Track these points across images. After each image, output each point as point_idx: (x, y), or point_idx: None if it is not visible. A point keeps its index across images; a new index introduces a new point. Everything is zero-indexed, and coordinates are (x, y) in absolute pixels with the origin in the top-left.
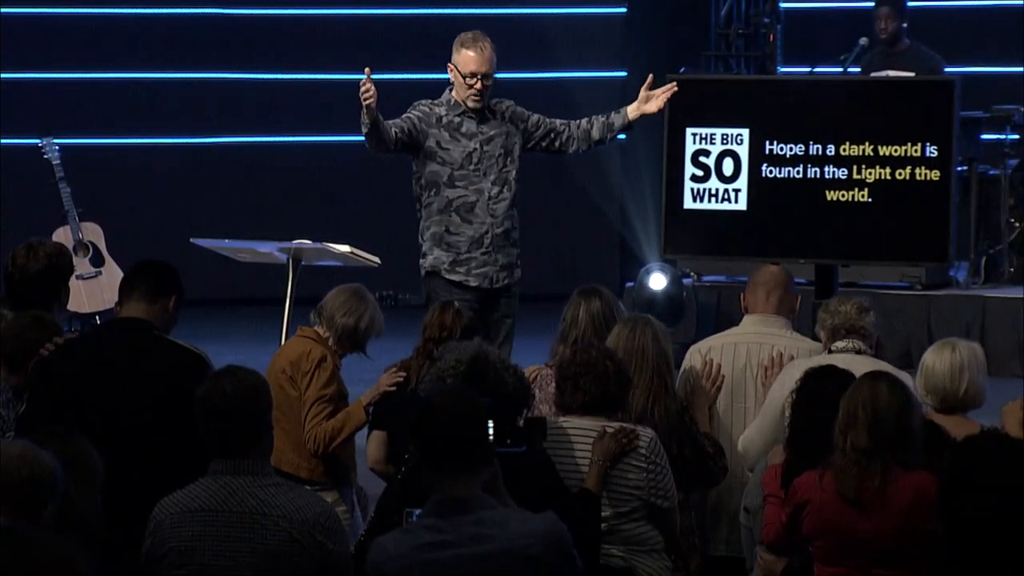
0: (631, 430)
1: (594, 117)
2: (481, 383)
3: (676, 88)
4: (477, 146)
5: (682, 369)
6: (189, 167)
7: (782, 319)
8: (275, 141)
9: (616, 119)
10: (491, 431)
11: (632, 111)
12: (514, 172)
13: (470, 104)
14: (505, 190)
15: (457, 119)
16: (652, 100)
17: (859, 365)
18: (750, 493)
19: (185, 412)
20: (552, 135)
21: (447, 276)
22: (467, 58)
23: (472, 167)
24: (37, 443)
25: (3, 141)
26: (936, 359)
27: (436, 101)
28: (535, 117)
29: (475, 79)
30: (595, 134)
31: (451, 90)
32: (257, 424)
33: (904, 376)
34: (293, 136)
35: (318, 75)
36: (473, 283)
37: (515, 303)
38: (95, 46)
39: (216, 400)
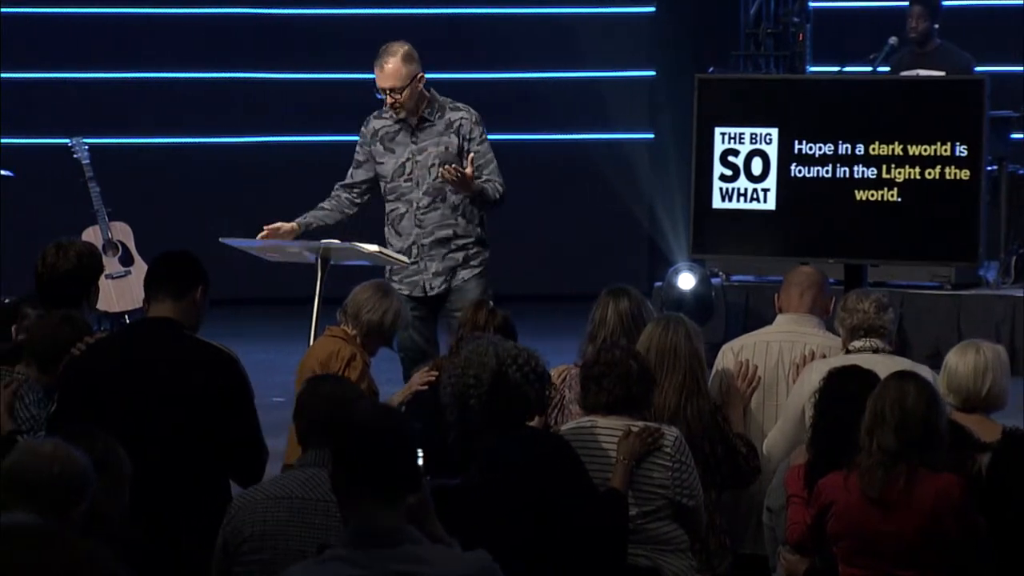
0: (655, 429)
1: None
2: (506, 402)
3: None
4: (409, 156)
5: (715, 368)
6: (219, 166)
7: (815, 319)
8: (306, 140)
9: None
10: (420, 458)
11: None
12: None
13: (394, 114)
14: (438, 200)
15: (395, 128)
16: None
17: (878, 364)
18: (772, 493)
19: (214, 412)
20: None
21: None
22: (375, 75)
23: (403, 179)
24: (66, 442)
25: (33, 141)
26: (959, 360)
27: (382, 110)
28: (480, 154)
29: (386, 94)
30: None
31: None
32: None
33: (923, 370)
34: (323, 136)
35: (349, 74)
36: (406, 291)
37: (465, 296)
38: (127, 46)
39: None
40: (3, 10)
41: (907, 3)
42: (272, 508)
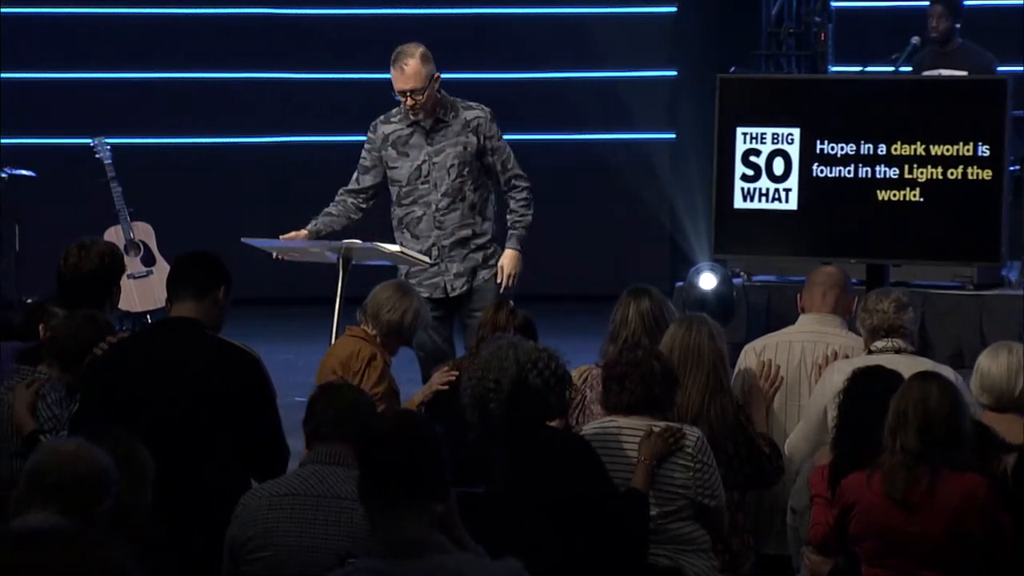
0: (677, 429)
1: (512, 223)
2: (526, 407)
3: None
4: (426, 158)
5: (737, 368)
6: (241, 166)
7: (838, 319)
8: (330, 140)
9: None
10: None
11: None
12: (470, 182)
13: (411, 117)
14: (457, 200)
15: (407, 131)
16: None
17: (900, 365)
18: (796, 494)
19: (236, 411)
20: (501, 177)
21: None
22: (393, 77)
23: (420, 181)
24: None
25: (55, 141)
26: (991, 362)
27: (390, 114)
28: (500, 149)
29: (405, 96)
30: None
31: None
32: None
33: (945, 371)
34: (347, 135)
35: (372, 74)
36: (425, 293)
37: (486, 296)
38: (150, 46)
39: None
40: (28, 10)
41: (928, 2)
42: (274, 506)
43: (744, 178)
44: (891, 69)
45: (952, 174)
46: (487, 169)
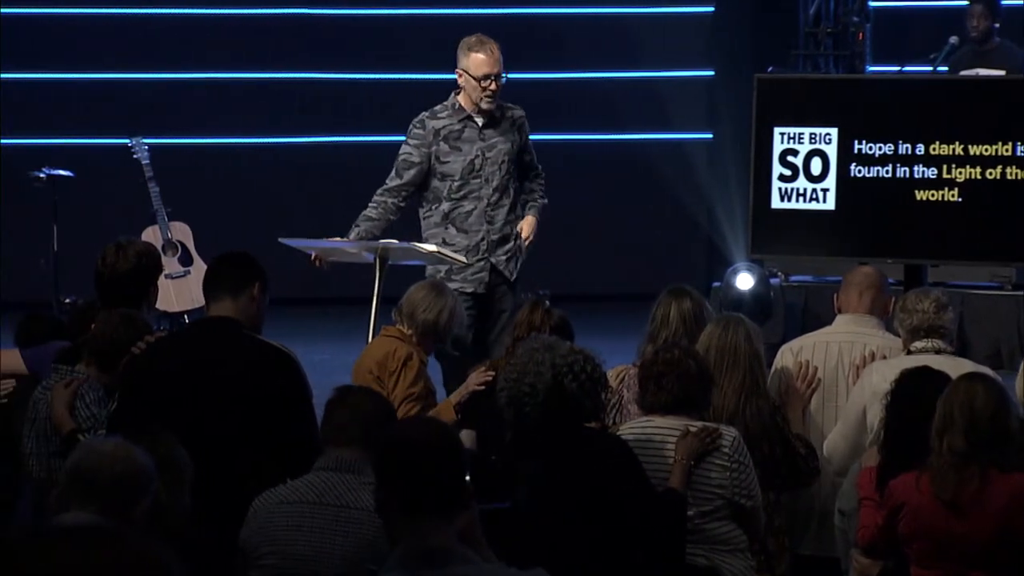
0: (714, 429)
1: (533, 199)
2: (563, 413)
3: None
4: (478, 153)
5: (774, 368)
6: (279, 167)
7: (875, 319)
8: (363, 141)
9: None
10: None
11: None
12: (514, 179)
13: (484, 106)
14: (504, 197)
15: (459, 126)
16: None
17: (941, 365)
18: (844, 496)
19: (273, 411)
20: (528, 173)
21: (454, 281)
22: (478, 61)
23: (473, 176)
24: (128, 441)
25: (93, 141)
26: None
27: (435, 110)
28: (531, 148)
29: (489, 80)
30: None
31: (456, 94)
32: None
33: (985, 371)
34: (381, 136)
35: (409, 75)
36: (469, 289)
37: (513, 296)
38: (187, 47)
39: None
40: (66, 11)
41: (967, 2)
42: (283, 513)
43: (781, 178)
44: (929, 69)
45: (991, 174)
46: (522, 166)
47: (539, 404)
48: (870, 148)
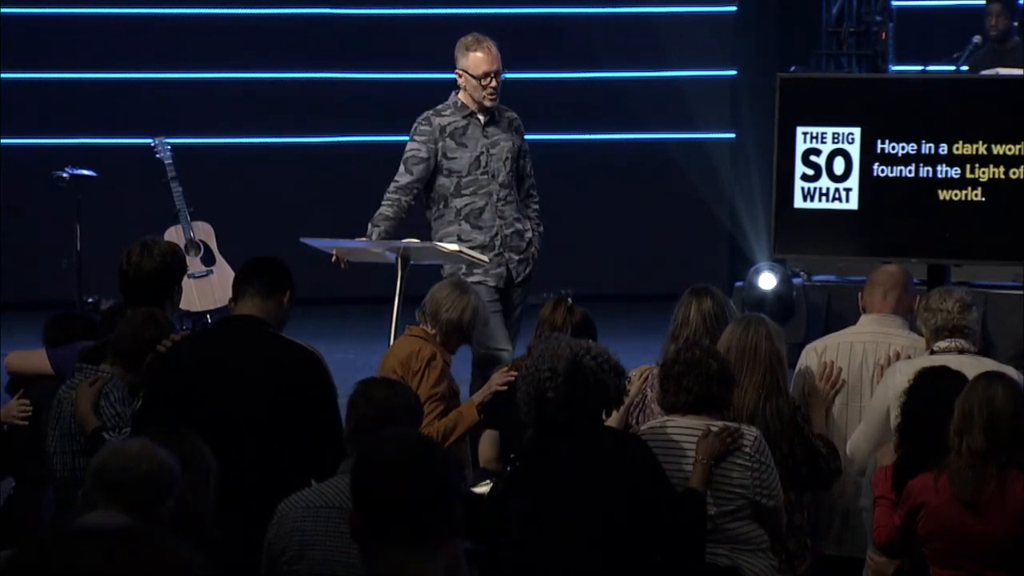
0: (735, 429)
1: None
2: (584, 390)
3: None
4: (483, 149)
5: (798, 368)
6: (301, 166)
7: (899, 319)
8: (385, 140)
9: None
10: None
11: None
12: (515, 179)
13: (487, 103)
14: (511, 193)
15: (463, 123)
16: None
17: (964, 365)
18: (867, 494)
19: (298, 410)
20: (524, 182)
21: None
22: (477, 60)
23: (480, 171)
24: (153, 441)
25: (116, 141)
26: None
27: (439, 108)
28: (528, 154)
29: (489, 78)
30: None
31: (457, 93)
32: None
33: (1009, 371)
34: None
35: (431, 74)
36: (491, 283)
37: (527, 291)
38: (211, 47)
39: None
40: (87, 11)
41: (986, 1)
42: (310, 518)
43: (804, 177)
44: (952, 68)
45: (1014, 173)
46: (519, 171)
47: (560, 384)
48: (893, 148)
